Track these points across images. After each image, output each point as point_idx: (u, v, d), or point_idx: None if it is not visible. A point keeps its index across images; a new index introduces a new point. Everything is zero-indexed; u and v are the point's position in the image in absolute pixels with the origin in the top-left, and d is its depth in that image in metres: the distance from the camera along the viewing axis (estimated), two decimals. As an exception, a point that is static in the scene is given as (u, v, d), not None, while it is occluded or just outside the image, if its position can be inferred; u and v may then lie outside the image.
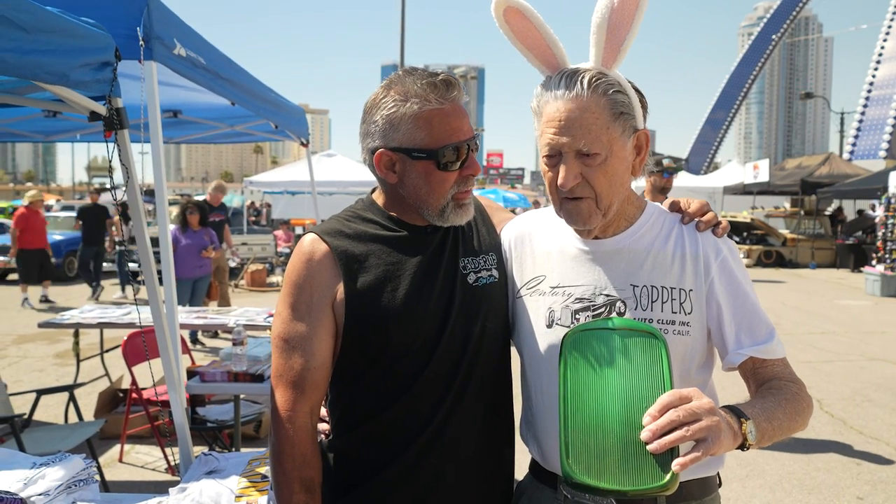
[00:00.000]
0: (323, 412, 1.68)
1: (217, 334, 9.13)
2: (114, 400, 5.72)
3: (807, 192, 21.88)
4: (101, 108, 2.13)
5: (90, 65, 1.89)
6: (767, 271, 19.05)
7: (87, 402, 5.65)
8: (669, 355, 1.27)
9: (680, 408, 1.15)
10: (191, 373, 4.10)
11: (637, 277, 1.51)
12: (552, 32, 1.49)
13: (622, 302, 1.50)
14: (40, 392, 4.60)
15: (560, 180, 1.44)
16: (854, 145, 59.14)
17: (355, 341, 1.52)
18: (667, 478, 1.14)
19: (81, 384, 5.68)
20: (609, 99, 1.43)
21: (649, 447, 1.14)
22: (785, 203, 25.72)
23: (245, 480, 2.20)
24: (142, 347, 4.87)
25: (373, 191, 1.70)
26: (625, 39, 1.45)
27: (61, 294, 13.54)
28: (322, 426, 1.66)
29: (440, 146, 1.49)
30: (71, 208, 22.97)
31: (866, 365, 7.98)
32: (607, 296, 1.51)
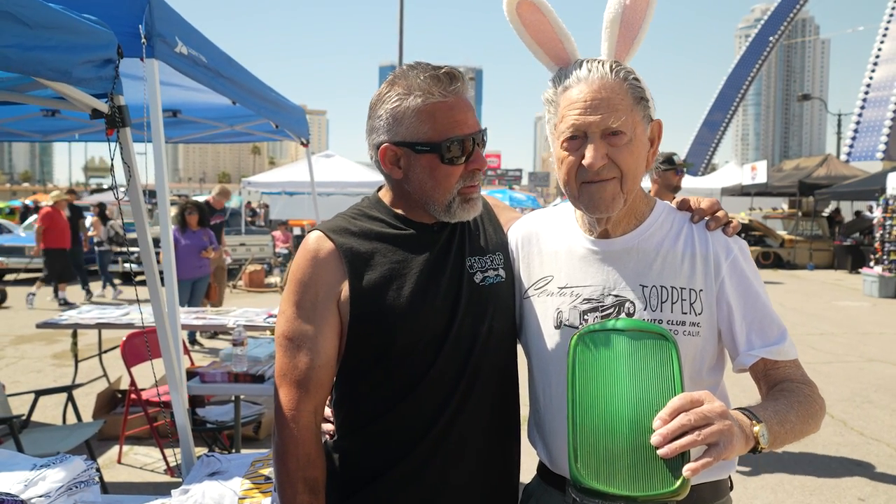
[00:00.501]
0: (327, 412, 1.66)
1: (216, 335, 9.11)
2: (112, 401, 5.69)
3: (804, 194, 21.90)
4: (103, 106, 2.10)
5: (92, 62, 1.87)
6: (765, 272, 19.06)
7: (85, 403, 5.62)
8: (680, 357, 1.24)
9: (691, 411, 1.12)
10: (190, 373, 4.07)
11: (646, 277, 1.49)
12: (564, 26, 1.49)
13: (631, 302, 1.48)
14: (39, 393, 4.57)
15: (588, 160, 1.41)
16: (851, 147, 59.28)
17: (360, 340, 1.50)
18: (677, 483, 1.12)
19: (80, 385, 5.65)
20: (630, 84, 1.43)
21: (659, 452, 1.11)
22: (783, 204, 25.75)
23: (248, 482, 2.17)
24: (140, 348, 4.85)
25: (379, 189, 1.69)
26: (637, 35, 1.47)
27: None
28: (326, 427, 1.64)
29: (443, 139, 1.48)
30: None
31: (865, 366, 7.98)
32: (616, 296, 1.49)
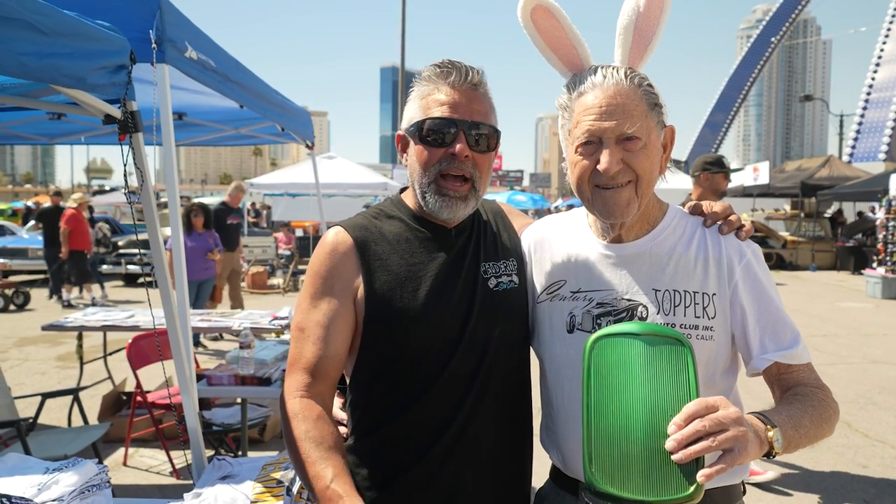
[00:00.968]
0: (342, 415, 1.67)
1: (221, 337, 9.11)
2: (117, 403, 5.70)
3: (807, 195, 21.90)
4: (116, 111, 2.12)
5: (106, 68, 1.89)
6: (768, 274, 19.01)
7: (90, 406, 5.62)
8: (696, 362, 1.24)
9: (706, 417, 1.12)
10: (197, 376, 4.09)
11: (659, 282, 1.50)
12: (578, 32, 1.50)
13: (644, 307, 1.49)
14: (45, 395, 4.58)
15: (604, 165, 1.41)
16: (854, 147, 59.24)
17: (374, 340, 1.52)
18: (692, 489, 1.12)
19: (85, 387, 5.66)
20: (644, 90, 1.44)
21: (674, 457, 1.12)
22: (785, 205, 25.74)
23: (260, 486, 2.18)
24: (146, 350, 4.86)
25: (402, 190, 1.71)
26: (650, 42, 1.48)
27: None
28: (341, 429, 1.65)
29: (425, 118, 1.52)
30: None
31: (869, 368, 7.97)
32: (629, 300, 1.50)
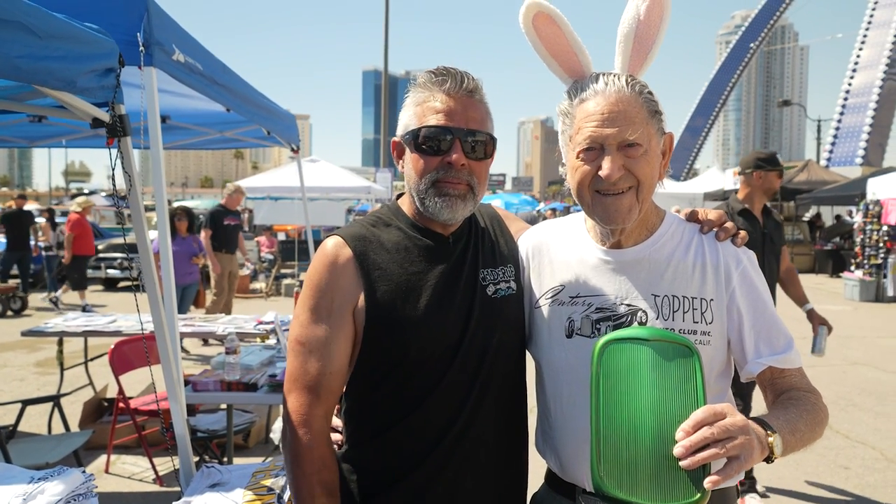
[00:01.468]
0: (337, 422, 1.66)
1: (206, 342, 9.03)
2: (98, 409, 5.62)
3: (786, 199, 22.17)
4: (104, 115, 2.09)
5: (95, 71, 1.86)
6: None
7: (71, 412, 5.53)
8: (703, 368, 1.26)
9: (714, 425, 1.14)
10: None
11: (658, 287, 1.51)
12: (579, 39, 1.51)
13: (644, 312, 1.50)
14: (26, 402, 4.51)
15: (605, 171, 1.43)
16: (831, 152, 60.16)
17: (374, 349, 1.51)
18: (698, 495, 1.14)
19: (66, 394, 5.58)
20: (645, 98, 1.46)
21: (682, 463, 1.13)
22: (764, 209, 25.99)
23: (250, 493, 2.15)
24: (129, 356, 4.80)
25: (398, 196, 1.70)
26: (650, 50, 1.49)
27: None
28: (335, 436, 1.64)
29: (421, 126, 1.52)
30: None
31: (849, 369, 8.08)
32: (629, 305, 1.51)
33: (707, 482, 1.12)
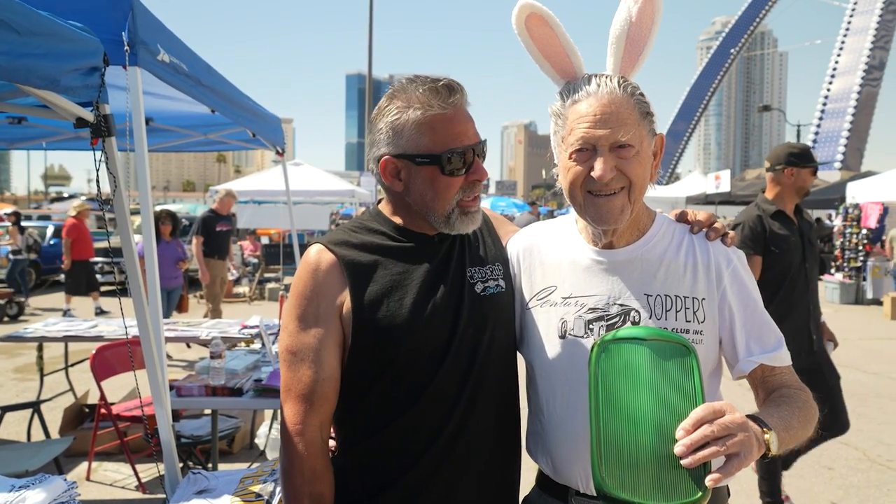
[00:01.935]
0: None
1: (189, 346, 8.93)
2: (79, 416, 5.53)
3: (767, 203, 22.37)
4: (89, 115, 2.05)
5: (79, 69, 1.82)
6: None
7: (51, 419, 5.45)
8: (700, 367, 1.26)
9: (714, 423, 1.14)
10: (166, 387, 3.98)
11: (651, 287, 1.52)
12: (572, 41, 1.51)
13: (636, 311, 1.50)
14: (4, 409, 4.43)
15: (598, 172, 1.43)
16: (810, 157, 60.90)
17: (363, 352, 1.49)
18: (699, 493, 1.14)
19: (46, 400, 5.49)
20: (637, 99, 1.46)
21: (683, 462, 1.13)
22: (746, 213, 26.27)
23: (238, 500, 2.12)
24: (110, 361, 4.73)
25: (378, 201, 1.69)
26: (642, 52, 1.50)
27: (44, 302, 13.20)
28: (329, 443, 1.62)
29: (443, 151, 1.48)
30: (28, 218, 22.31)
31: (831, 371, 8.15)
32: (621, 305, 1.52)
33: (708, 480, 1.12)
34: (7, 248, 13.65)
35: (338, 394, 1.52)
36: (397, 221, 1.59)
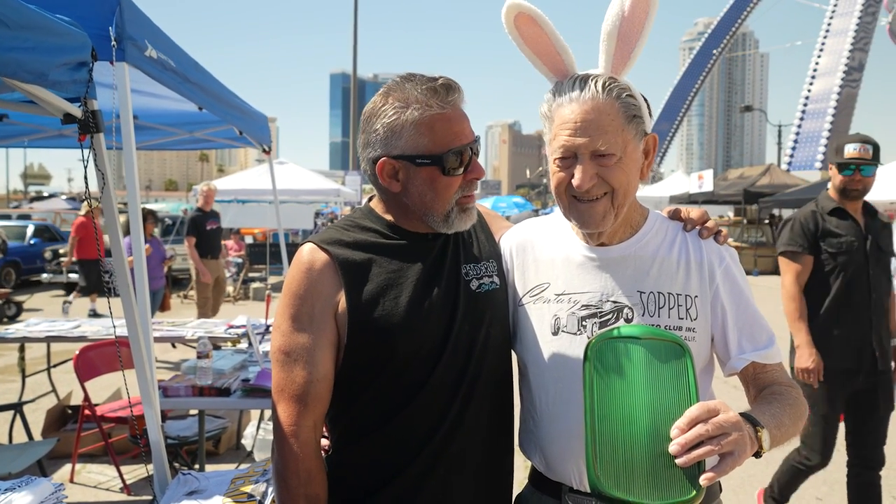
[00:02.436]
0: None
1: (174, 346, 8.85)
2: (62, 417, 5.46)
3: (749, 202, 22.63)
4: (77, 110, 2.02)
5: (68, 64, 1.79)
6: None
7: (32, 420, 5.37)
8: (695, 365, 1.27)
9: (709, 422, 1.15)
10: (152, 387, 3.93)
11: (644, 284, 1.52)
12: (562, 39, 1.49)
13: (630, 308, 1.51)
14: (-14, 411, 4.35)
15: (577, 181, 1.44)
16: (792, 156, 61.68)
17: (359, 351, 1.48)
18: (694, 492, 1.14)
19: (28, 401, 5.41)
20: (622, 102, 1.44)
21: (678, 461, 1.13)
22: (728, 212, 26.58)
23: (230, 500, 2.10)
24: (94, 362, 4.68)
25: (370, 199, 1.67)
26: (634, 48, 1.47)
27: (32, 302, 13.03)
28: (322, 442, 1.60)
29: (444, 151, 1.47)
30: (7, 217, 22.01)
31: (814, 368, 8.24)
32: (615, 302, 1.52)
33: (703, 479, 1.12)
34: None
35: (331, 394, 1.51)
36: (390, 220, 1.58)
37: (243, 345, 5.30)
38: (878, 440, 3.62)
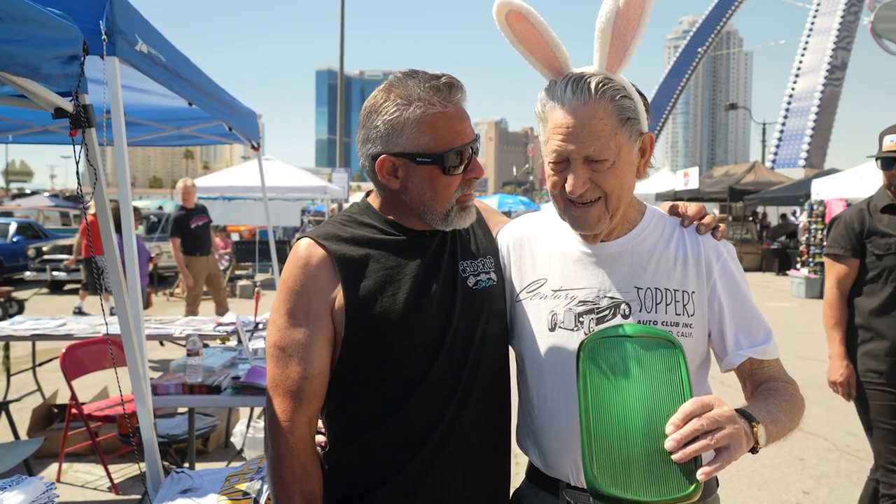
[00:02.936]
0: (319, 423, 1.61)
1: (162, 344, 8.77)
2: (48, 416, 5.40)
3: (734, 199, 22.81)
4: (68, 105, 1.99)
5: (59, 57, 1.76)
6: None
7: (18, 419, 5.31)
8: (687, 362, 1.27)
9: (703, 416, 1.15)
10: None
11: (641, 280, 1.52)
12: (555, 36, 1.47)
13: (627, 304, 1.50)
14: (-29, 410, 4.30)
15: (569, 187, 1.43)
16: (776, 154, 62.15)
17: (357, 348, 1.47)
18: (692, 487, 1.14)
19: (14, 400, 5.35)
20: (616, 105, 1.42)
21: (674, 456, 1.13)
22: (714, 209, 26.76)
23: (225, 498, 2.08)
24: (82, 360, 4.63)
25: (367, 194, 1.66)
26: (630, 44, 1.44)
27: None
28: (318, 438, 1.60)
29: (445, 150, 1.46)
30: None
31: (799, 364, 8.32)
32: (612, 298, 1.52)
33: (700, 474, 1.12)
34: None
35: (326, 390, 1.50)
36: (388, 216, 1.57)
37: (232, 342, 5.27)
38: None
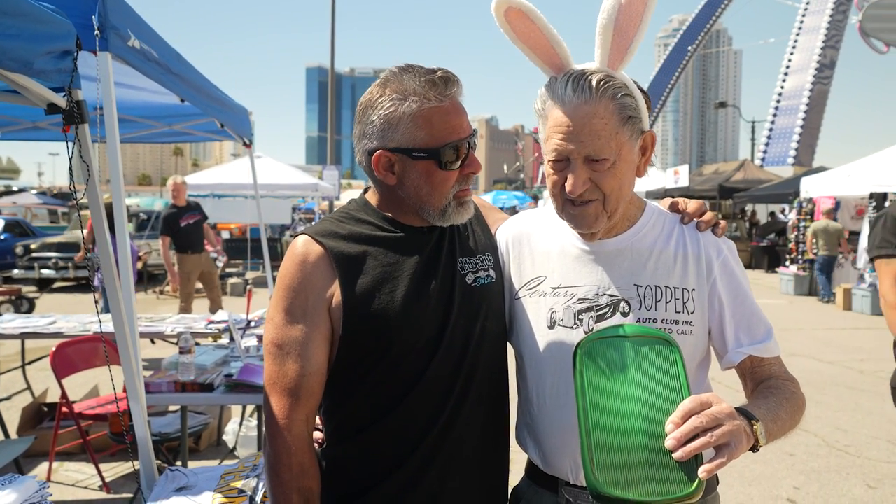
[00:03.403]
0: (316, 420, 1.61)
1: (153, 342, 8.70)
2: (38, 415, 5.36)
3: (724, 197, 22.92)
4: (61, 100, 1.97)
5: (52, 53, 1.74)
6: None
7: (7, 419, 5.27)
8: (684, 360, 1.27)
9: (702, 414, 1.14)
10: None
11: (641, 277, 1.51)
12: (556, 32, 1.45)
13: (626, 302, 1.50)
14: (-40, 409, 4.25)
15: (569, 187, 1.43)
16: (765, 152, 62.49)
17: (354, 345, 1.46)
18: (693, 486, 1.13)
19: (3, 399, 5.31)
20: (617, 103, 1.41)
21: (674, 455, 1.13)
22: (704, 207, 26.83)
23: (220, 496, 2.07)
24: (72, 358, 4.59)
25: (365, 191, 1.65)
26: (632, 41, 1.43)
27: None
28: (316, 434, 1.59)
29: (441, 145, 1.45)
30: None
31: (788, 360, 8.11)
32: (611, 296, 1.51)
33: (701, 472, 1.12)
34: None
35: (323, 388, 1.49)
36: (385, 212, 1.56)
37: (224, 340, 5.25)
38: None
